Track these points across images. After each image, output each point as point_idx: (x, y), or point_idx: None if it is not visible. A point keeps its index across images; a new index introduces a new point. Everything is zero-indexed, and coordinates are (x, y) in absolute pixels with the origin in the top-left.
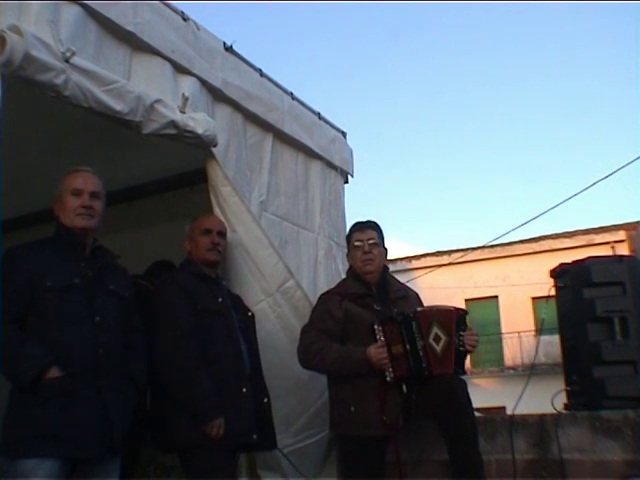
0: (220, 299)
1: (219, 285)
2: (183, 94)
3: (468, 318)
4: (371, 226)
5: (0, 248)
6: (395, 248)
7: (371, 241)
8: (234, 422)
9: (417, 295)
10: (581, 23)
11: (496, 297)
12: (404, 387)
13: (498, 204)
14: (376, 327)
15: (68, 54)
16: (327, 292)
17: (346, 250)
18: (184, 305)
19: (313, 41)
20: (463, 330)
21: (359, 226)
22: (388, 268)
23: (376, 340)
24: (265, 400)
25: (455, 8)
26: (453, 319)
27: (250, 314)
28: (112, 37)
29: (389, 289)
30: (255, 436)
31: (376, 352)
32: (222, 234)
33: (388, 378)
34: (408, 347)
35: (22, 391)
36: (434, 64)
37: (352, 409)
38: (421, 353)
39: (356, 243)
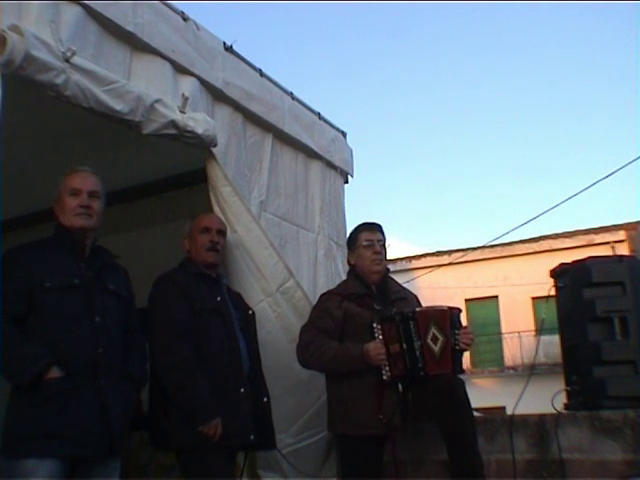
0: (219, 298)
1: (218, 284)
2: (183, 94)
3: (468, 317)
4: (379, 228)
5: (0, 248)
6: (395, 248)
7: (380, 243)
8: (231, 423)
9: (416, 298)
10: (581, 23)
11: (496, 297)
12: (400, 386)
13: (498, 204)
14: (375, 325)
15: (68, 54)
16: (327, 292)
17: (346, 250)
18: (181, 305)
19: (313, 41)
20: (457, 329)
21: (368, 226)
22: (389, 270)
23: (375, 338)
24: (265, 399)
25: (455, 8)
26: (447, 318)
27: (251, 312)
28: (112, 37)
29: (389, 290)
30: (252, 437)
31: (374, 348)
32: (222, 233)
33: (385, 377)
34: (405, 346)
35: (22, 391)
36: (434, 64)
37: (349, 408)
38: (418, 353)
39: (365, 242)
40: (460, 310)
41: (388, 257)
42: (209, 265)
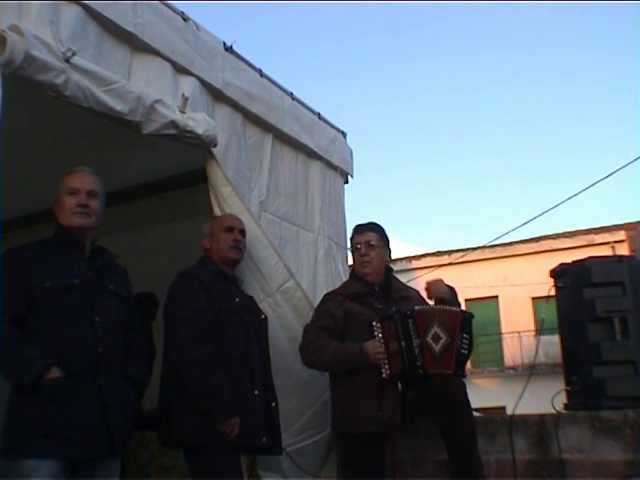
0: (237, 299)
1: (236, 285)
2: (183, 94)
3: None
4: (370, 228)
5: (0, 248)
6: (395, 248)
7: (366, 244)
8: (245, 424)
9: (419, 294)
10: (581, 23)
11: (496, 297)
12: (399, 385)
13: (498, 204)
14: (374, 324)
15: (68, 54)
16: (330, 292)
17: (346, 250)
18: (204, 301)
19: (313, 41)
20: (467, 333)
21: (358, 229)
22: (392, 269)
23: (374, 337)
24: (273, 404)
25: (455, 8)
26: (457, 320)
27: (263, 316)
28: (112, 37)
29: (392, 289)
30: (264, 439)
31: (373, 346)
32: (243, 232)
33: (384, 375)
34: (404, 345)
35: (22, 391)
36: (434, 64)
37: (350, 406)
38: (416, 351)
39: (354, 247)
40: (472, 315)
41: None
42: (231, 262)
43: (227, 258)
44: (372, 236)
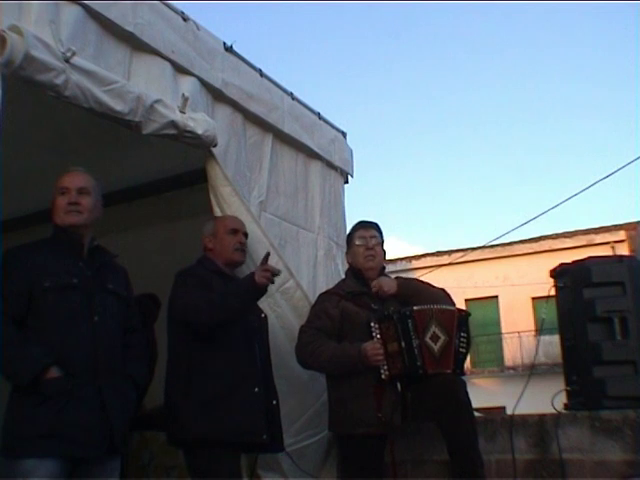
0: None
1: None
2: (183, 94)
3: (470, 319)
4: (374, 226)
5: (0, 248)
6: (395, 248)
7: (374, 240)
8: (245, 421)
9: None
10: (580, 23)
11: (496, 297)
12: (398, 385)
13: (498, 204)
14: (372, 324)
15: (68, 54)
16: (326, 292)
17: (346, 250)
18: (202, 294)
19: (313, 41)
20: (464, 332)
21: (362, 224)
22: (385, 267)
23: (372, 338)
24: (274, 402)
25: (455, 8)
26: (455, 320)
27: (263, 315)
28: (112, 37)
29: None
30: (265, 436)
31: (372, 347)
32: (246, 235)
33: (383, 376)
34: (403, 345)
35: (22, 391)
36: (434, 64)
37: (349, 407)
38: (416, 351)
39: (358, 241)
40: (469, 313)
41: (388, 257)
42: (236, 264)
43: (232, 260)
44: (376, 234)
